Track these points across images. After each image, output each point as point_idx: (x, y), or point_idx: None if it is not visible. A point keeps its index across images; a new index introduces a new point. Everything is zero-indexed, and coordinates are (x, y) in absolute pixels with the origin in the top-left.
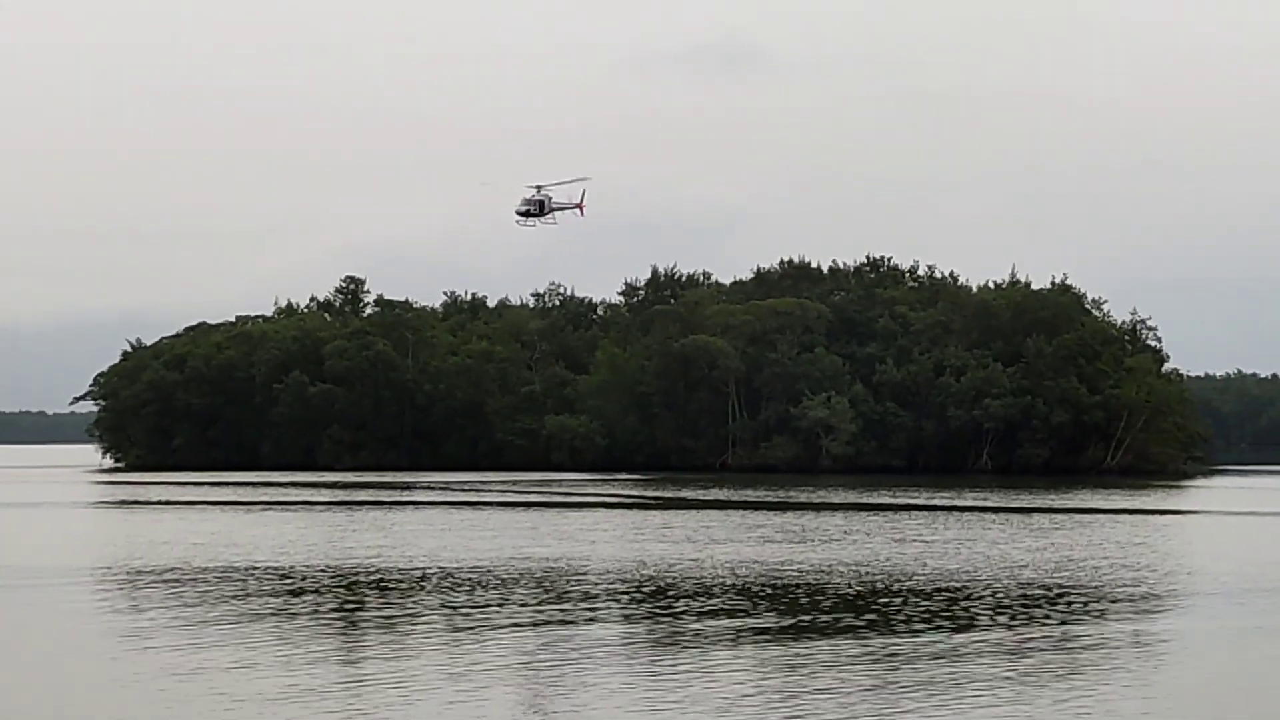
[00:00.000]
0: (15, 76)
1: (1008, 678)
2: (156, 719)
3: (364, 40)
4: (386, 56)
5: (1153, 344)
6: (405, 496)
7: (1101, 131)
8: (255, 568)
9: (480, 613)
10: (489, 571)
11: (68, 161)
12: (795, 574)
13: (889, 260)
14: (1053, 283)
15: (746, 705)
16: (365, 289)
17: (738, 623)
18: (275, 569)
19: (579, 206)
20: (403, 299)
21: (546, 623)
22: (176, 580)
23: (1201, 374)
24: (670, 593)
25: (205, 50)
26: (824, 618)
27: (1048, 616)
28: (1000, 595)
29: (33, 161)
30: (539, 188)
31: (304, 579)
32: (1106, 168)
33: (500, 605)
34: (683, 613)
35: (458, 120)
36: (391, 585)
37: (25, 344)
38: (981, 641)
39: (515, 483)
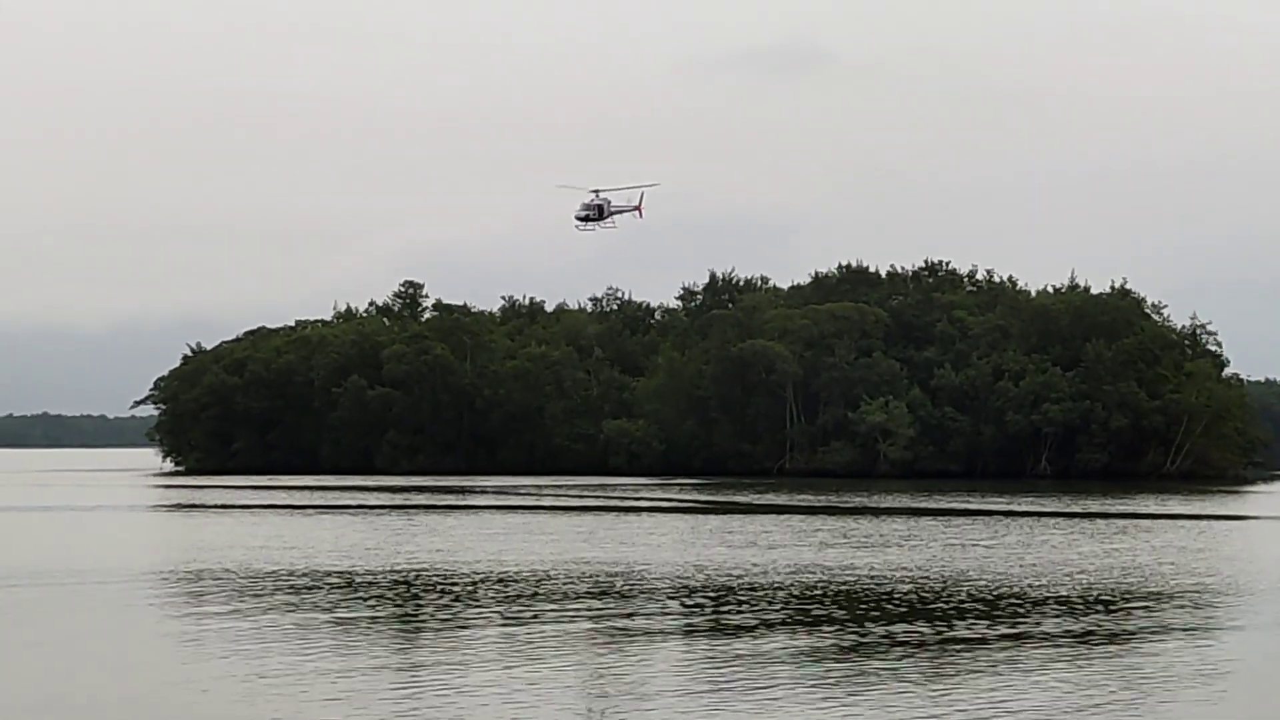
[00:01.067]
0: (74, 79)
1: (1068, 684)
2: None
3: (426, 43)
4: (448, 59)
5: (1213, 348)
6: (463, 501)
7: (1162, 134)
8: (313, 571)
9: (538, 617)
10: (546, 576)
11: (130, 164)
12: (854, 579)
13: (947, 264)
14: (1112, 287)
15: (805, 707)
16: (424, 293)
17: (795, 627)
18: (334, 572)
19: (637, 209)
20: (461, 303)
21: (605, 627)
22: (235, 583)
23: (1262, 379)
24: (728, 597)
25: (265, 52)
26: (884, 622)
27: (1108, 621)
28: (1061, 601)
29: (94, 165)
30: (597, 192)
31: (362, 582)
32: (1166, 170)
33: (558, 610)
34: (740, 617)
35: (518, 123)
36: (449, 589)
37: (86, 348)
38: (1041, 647)
39: (572, 487)
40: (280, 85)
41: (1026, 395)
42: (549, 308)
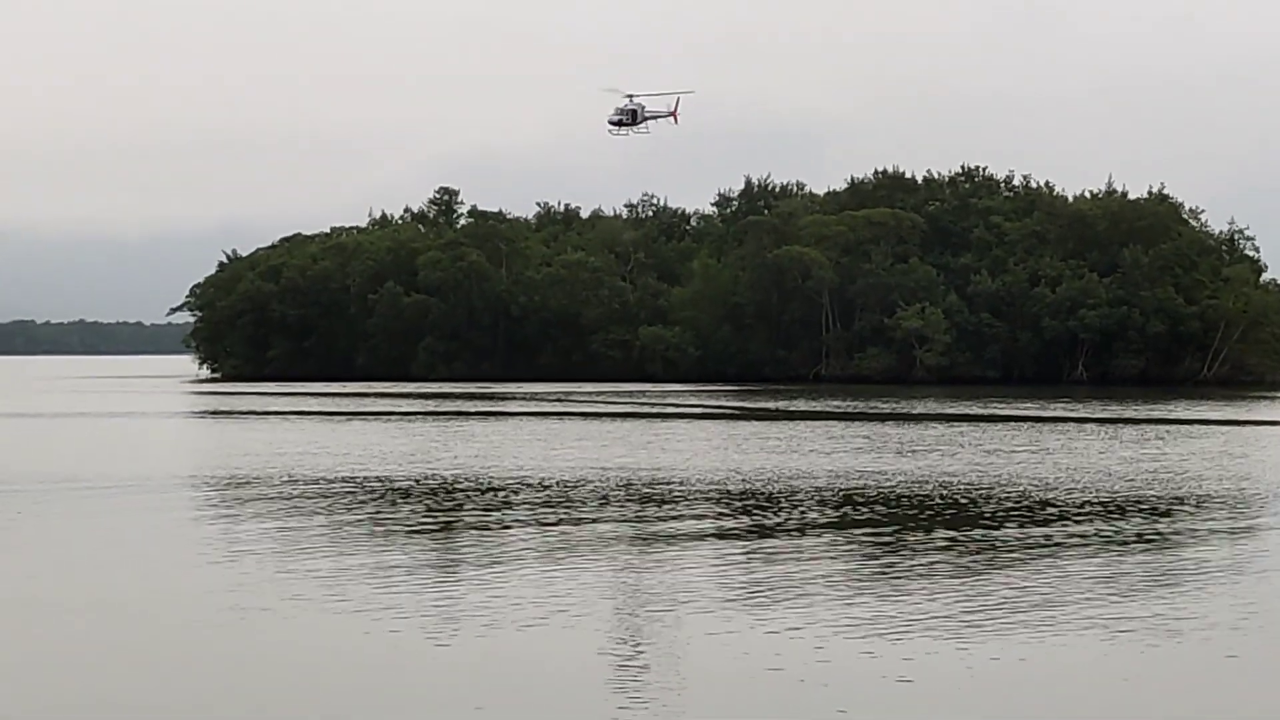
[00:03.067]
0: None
1: (1101, 578)
2: (252, 625)
3: None
4: None
5: (1250, 254)
6: (499, 407)
7: (1197, 39)
8: (350, 477)
9: (575, 522)
10: (583, 481)
11: (164, 77)
12: (890, 484)
13: (984, 170)
14: (1150, 192)
15: (842, 604)
16: (459, 200)
17: (831, 531)
18: (369, 478)
19: (673, 114)
20: (496, 210)
21: (641, 531)
22: (269, 489)
23: None
24: (763, 501)
25: None
26: (919, 526)
27: (1143, 523)
28: (1096, 504)
29: (130, 77)
30: (631, 96)
31: (397, 488)
32: (1205, 75)
33: (594, 514)
34: (776, 519)
35: (552, 31)
36: (485, 494)
37: (123, 256)
38: (1075, 547)
39: (608, 393)
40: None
41: (1063, 301)
42: (584, 214)
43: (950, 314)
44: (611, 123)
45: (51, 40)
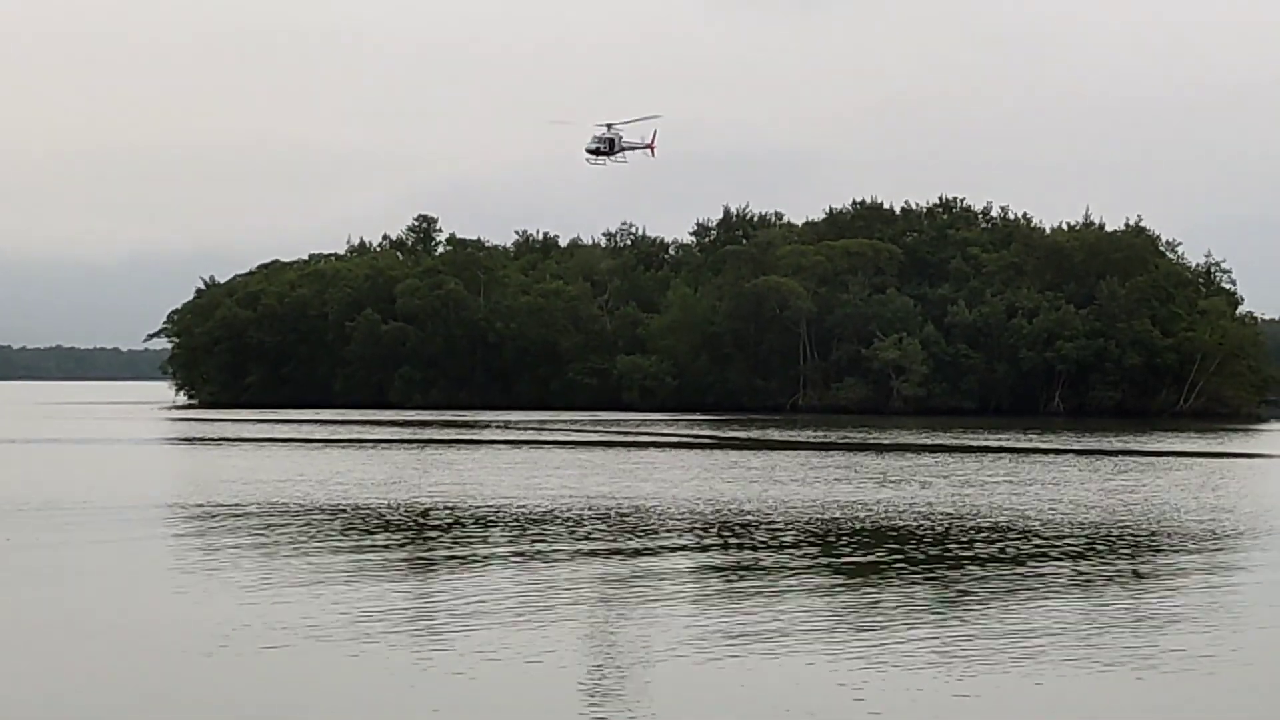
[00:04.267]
0: (91, 19)
1: (1076, 617)
2: (226, 653)
3: None
4: None
5: (1227, 286)
6: (476, 435)
7: (1179, 68)
8: (325, 505)
9: (551, 553)
10: (559, 510)
11: (142, 100)
12: (867, 515)
13: (962, 201)
14: (1126, 224)
15: (813, 635)
16: (437, 228)
17: (806, 560)
18: (346, 506)
19: (650, 147)
20: (475, 238)
21: (618, 562)
22: (246, 516)
23: (1276, 317)
24: (740, 530)
25: None
26: (894, 558)
27: (1119, 559)
28: (1072, 537)
29: (109, 97)
30: (609, 125)
31: (374, 516)
32: (1182, 106)
33: (571, 545)
34: (752, 549)
35: (530, 58)
36: (462, 522)
37: (100, 280)
38: (1051, 583)
39: (585, 422)
40: (295, 18)
41: (1040, 332)
42: (563, 243)
43: (927, 345)
44: (589, 151)
45: (30, 60)
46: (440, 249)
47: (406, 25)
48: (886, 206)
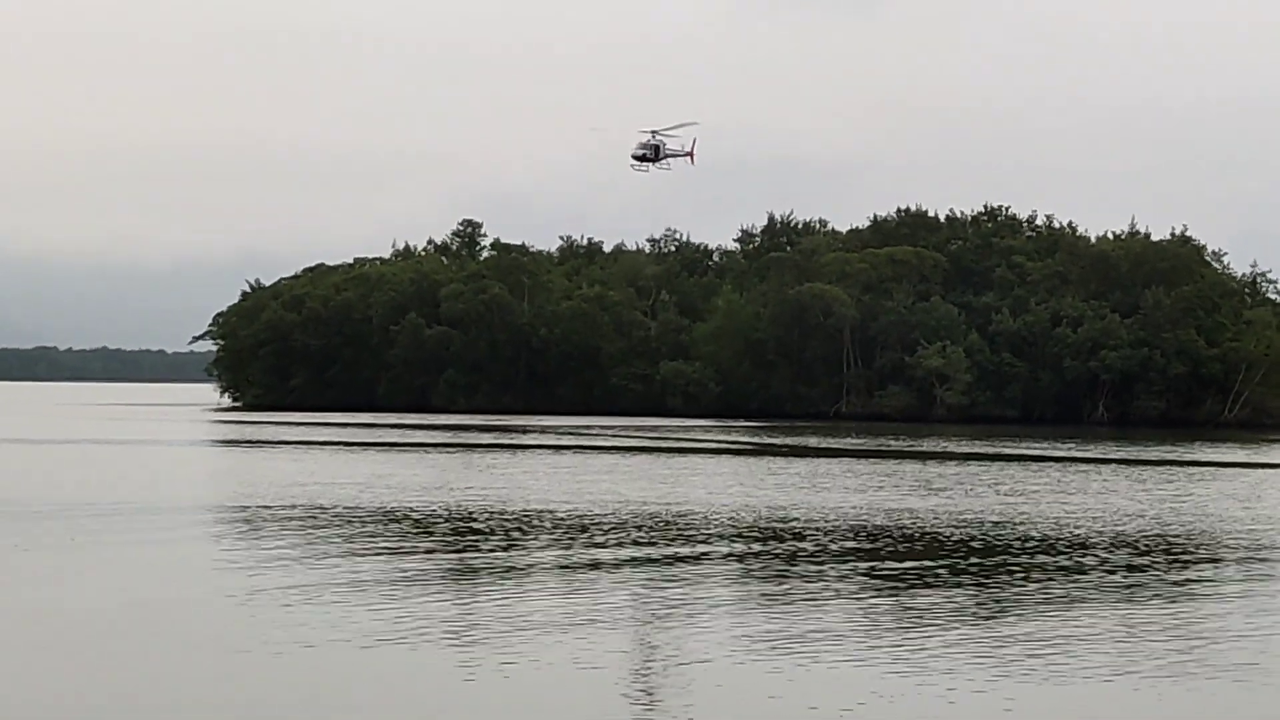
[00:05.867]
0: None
1: (1117, 633)
2: (267, 653)
3: None
4: (507, 1)
5: (1273, 297)
6: (520, 439)
7: (1227, 77)
8: (369, 507)
9: (593, 556)
10: (602, 515)
11: (191, 101)
12: (908, 523)
13: (1007, 209)
14: (1172, 234)
15: (854, 649)
16: (482, 232)
17: (848, 568)
18: (388, 510)
19: (689, 155)
20: (519, 243)
21: (661, 566)
22: (290, 518)
23: None
24: (781, 538)
25: None
26: (936, 567)
27: (1161, 570)
28: (1115, 548)
29: (159, 100)
30: (654, 132)
31: (416, 520)
32: (1229, 115)
33: (614, 550)
34: (793, 556)
35: (576, 63)
36: (505, 527)
37: (147, 283)
38: (1089, 589)
39: (629, 428)
40: (343, 22)
41: (1084, 341)
42: (607, 249)
43: (971, 353)
44: (634, 158)
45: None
46: (484, 254)
47: (451, 30)
48: (931, 214)
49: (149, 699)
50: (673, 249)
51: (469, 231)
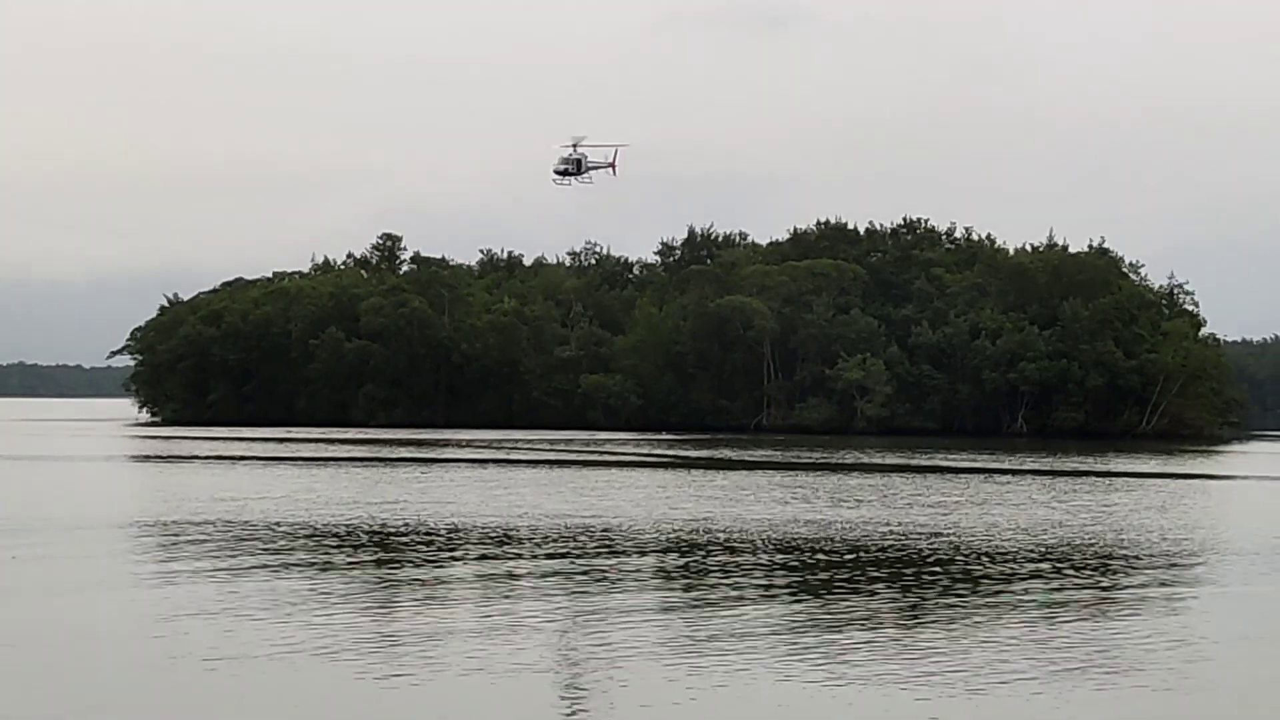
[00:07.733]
0: (61, 35)
1: (1036, 644)
2: (189, 668)
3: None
4: (430, 12)
5: (1190, 308)
6: (440, 453)
7: (1143, 93)
8: (288, 523)
9: (513, 569)
10: (523, 529)
11: (109, 115)
12: (828, 535)
13: (926, 222)
14: (1090, 246)
15: (775, 657)
16: (402, 246)
17: (766, 579)
18: (308, 525)
19: (611, 165)
20: (439, 257)
21: (580, 579)
22: (208, 534)
23: (1238, 339)
24: (702, 549)
25: (244, 3)
26: (855, 580)
27: (1080, 581)
28: (1033, 559)
29: (72, 115)
30: (575, 146)
31: (337, 535)
32: (1145, 129)
33: (534, 563)
34: (714, 568)
35: (495, 78)
36: (426, 541)
37: (63, 298)
38: (1010, 605)
39: (550, 441)
40: (259, 37)
41: (1003, 353)
42: (527, 262)
43: (891, 365)
44: (556, 172)
45: None
46: (404, 267)
47: (372, 45)
48: (850, 227)
49: (71, 717)
50: (593, 262)
51: (389, 245)
